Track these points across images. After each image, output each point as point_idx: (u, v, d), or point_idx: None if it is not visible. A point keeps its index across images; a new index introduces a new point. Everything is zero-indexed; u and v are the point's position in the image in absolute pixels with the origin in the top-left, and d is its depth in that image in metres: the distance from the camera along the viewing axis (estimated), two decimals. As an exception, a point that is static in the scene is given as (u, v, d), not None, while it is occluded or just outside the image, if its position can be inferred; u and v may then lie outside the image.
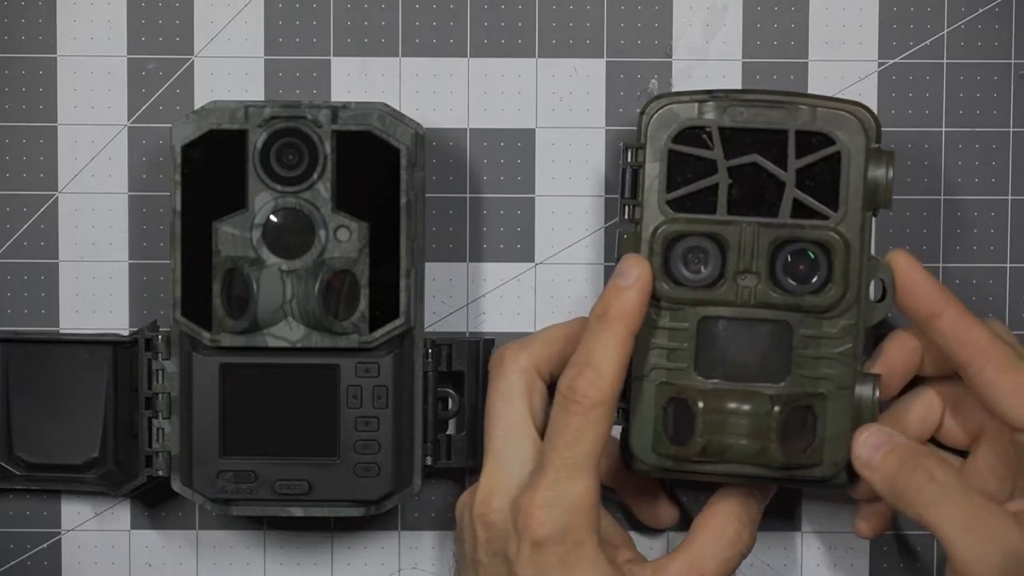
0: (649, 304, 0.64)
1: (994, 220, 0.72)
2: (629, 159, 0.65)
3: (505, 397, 0.66)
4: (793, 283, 0.64)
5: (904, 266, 0.65)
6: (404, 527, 0.73)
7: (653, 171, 0.65)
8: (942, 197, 0.72)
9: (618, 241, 0.65)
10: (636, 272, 0.64)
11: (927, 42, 0.72)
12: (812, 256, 0.64)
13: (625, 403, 0.65)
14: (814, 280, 0.64)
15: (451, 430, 0.71)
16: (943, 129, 0.71)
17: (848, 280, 0.64)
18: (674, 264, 0.65)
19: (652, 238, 0.65)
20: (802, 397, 0.64)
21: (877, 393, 0.65)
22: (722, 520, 0.66)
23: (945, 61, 0.72)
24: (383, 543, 0.73)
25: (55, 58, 0.72)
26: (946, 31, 0.72)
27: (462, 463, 0.70)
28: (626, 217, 0.65)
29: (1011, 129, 0.72)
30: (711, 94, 0.65)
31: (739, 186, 0.64)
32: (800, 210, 0.64)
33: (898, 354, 0.67)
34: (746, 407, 0.64)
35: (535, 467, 0.64)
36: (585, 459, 0.63)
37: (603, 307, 0.63)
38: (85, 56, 0.72)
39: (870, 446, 0.64)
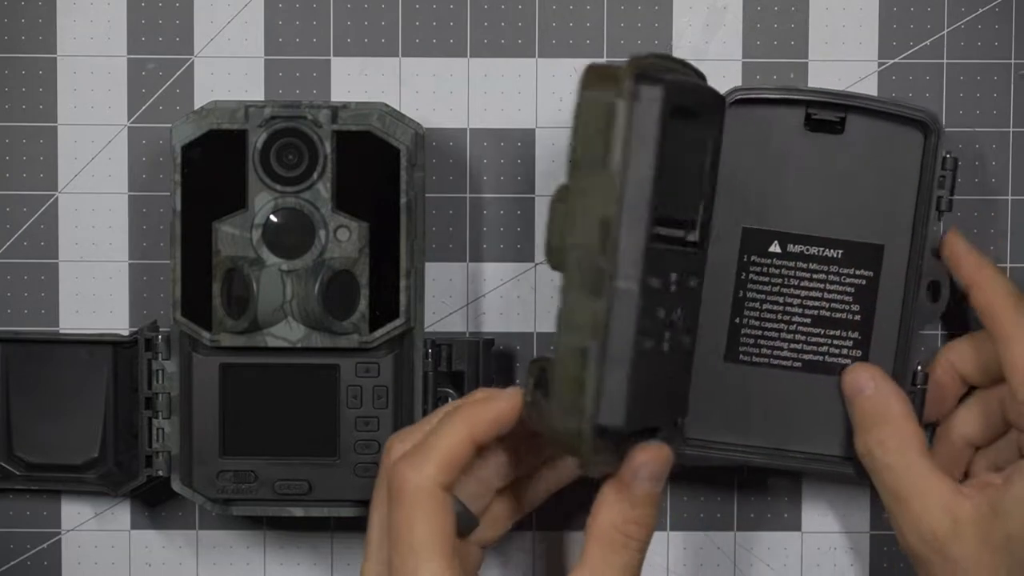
0: None
1: (994, 220, 0.72)
2: None
3: (408, 519, 0.61)
4: None
5: (951, 238, 0.67)
6: (404, 527, 0.73)
7: None
8: (942, 197, 0.72)
9: None
10: (509, 392, 0.62)
11: (927, 42, 0.72)
12: None
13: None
14: None
15: (451, 430, 0.70)
16: (943, 129, 0.71)
17: None
18: None
19: None
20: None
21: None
22: (607, 527, 0.61)
23: (945, 61, 0.72)
24: (383, 543, 0.73)
25: (55, 58, 0.72)
26: (946, 31, 0.72)
27: (462, 463, 0.70)
28: None
29: (1011, 129, 0.72)
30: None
31: None
32: None
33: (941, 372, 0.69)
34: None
35: None
36: (421, 548, 0.60)
37: (458, 403, 0.62)
38: (85, 56, 0.72)
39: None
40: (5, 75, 0.72)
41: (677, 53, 0.72)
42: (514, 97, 0.72)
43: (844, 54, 0.72)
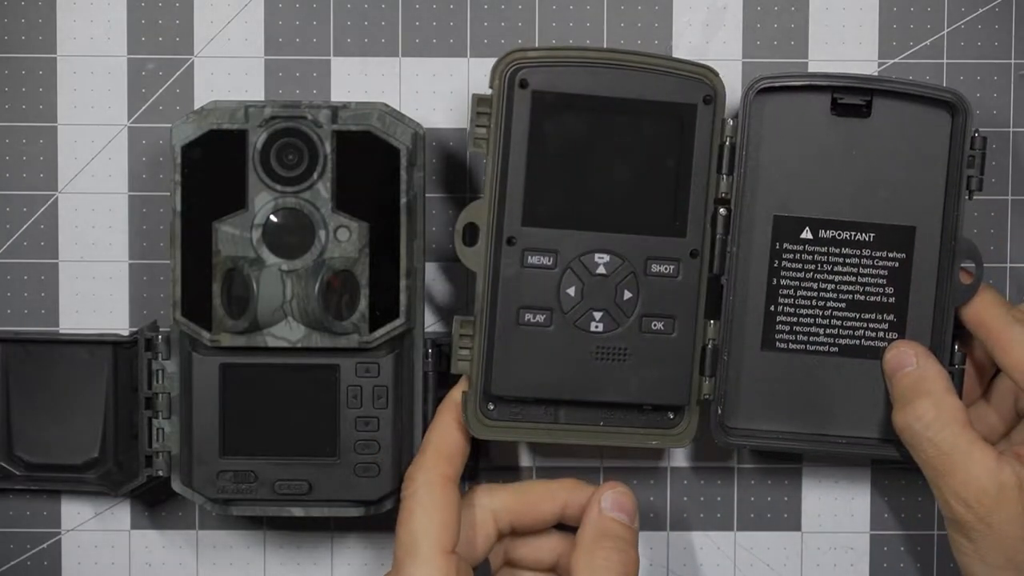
0: None
1: (994, 220, 0.72)
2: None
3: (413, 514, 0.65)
4: None
5: None
6: (404, 527, 0.73)
7: None
8: (942, 197, 0.72)
9: None
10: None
11: (927, 42, 0.72)
12: None
13: None
14: None
15: (451, 430, 0.70)
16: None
17: None
18: None
19: None
20: None
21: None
22: (603, 553, 0.66)
23: (945, 61, 0.72)
24: (383, 543, 0.73)
25: (55, 58, 0.72)
26: (946, 31, 0.72)
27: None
28: None
29: (1011, 129, 0.72)
30: None
31: None
32: None
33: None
34: None
35: None
36: (421, 540, 0.64)
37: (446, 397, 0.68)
38: (85, 56, 0.72)
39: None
40: (5, 75, 0.72)
41: (677, 53, 0.72)
42: (514, 97, 0.72)
43: (844, 54, 0.72)
